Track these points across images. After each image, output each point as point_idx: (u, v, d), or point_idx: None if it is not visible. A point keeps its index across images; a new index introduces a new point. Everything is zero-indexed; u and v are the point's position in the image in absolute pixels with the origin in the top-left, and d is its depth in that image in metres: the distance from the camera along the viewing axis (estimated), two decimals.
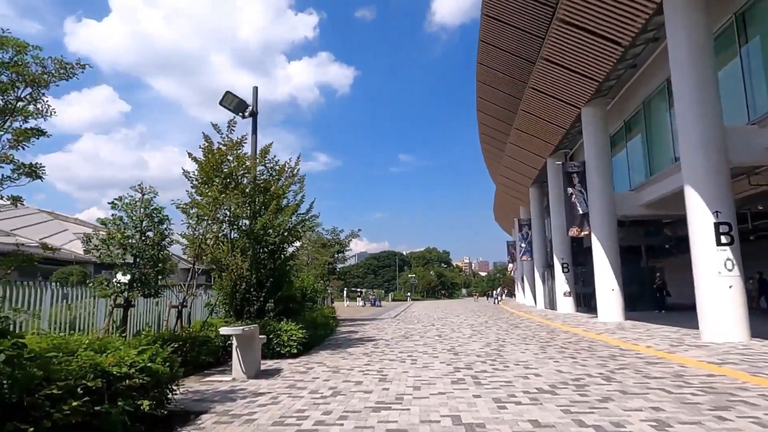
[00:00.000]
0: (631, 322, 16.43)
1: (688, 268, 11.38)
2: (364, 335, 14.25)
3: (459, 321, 20.15)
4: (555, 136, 22.38)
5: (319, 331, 12.36)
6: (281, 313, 10.63)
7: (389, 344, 11.61)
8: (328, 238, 21.83)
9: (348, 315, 27.19)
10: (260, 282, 10.33)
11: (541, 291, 31.68)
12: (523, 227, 34.89)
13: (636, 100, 18.00)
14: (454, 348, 10.48)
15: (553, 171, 25.67)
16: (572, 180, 18.73)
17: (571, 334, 13.14)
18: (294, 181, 11.22)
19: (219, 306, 10.64)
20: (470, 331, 14.93)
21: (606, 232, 17.71)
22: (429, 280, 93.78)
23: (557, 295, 25.35)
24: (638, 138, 18.49)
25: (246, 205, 10.08)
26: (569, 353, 9.12)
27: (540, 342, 11.25)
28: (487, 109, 33.43)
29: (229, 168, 9.75)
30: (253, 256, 10.08)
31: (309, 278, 16.01)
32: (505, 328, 15.86)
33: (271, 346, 9.39)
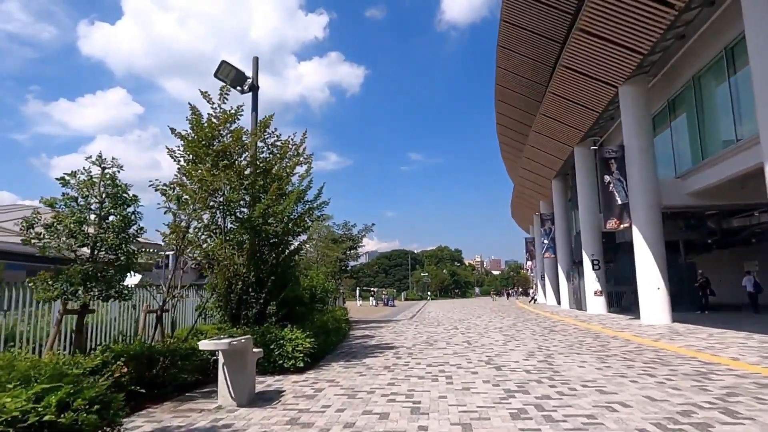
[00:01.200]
0: (681, 325, 14.55)
1: (731, 264, 9.52)
2: (382, 341, 12.55)
3: (483, 323, 18.36)
4: (586, 121, 20.47)
5: (331, 337, 10.68)
6: (285, 318, 8.94)
7: (412, 353, 9.89)
8: (339, 233, 20.16)
9: (361, 316, 25.52)
10: (260, 281, 8.66)
11: (565, 290, 29.74)
12: (546, 222, 32.94)
13: (683, 76, 16.05)
14: (492, 359, 8.73)
15: (582, 160, 23.76)
16: (610, 167, 16.83)
17: (623, 340, 11.31)
18: (300, 162, 9.52)
19: (212, 309, 8.98)
20: (501, 336, 13.15)
21: (649, 224, 15.81)
22: (442, 279, 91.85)
23: (586, 295, 23.43)
24: (685, 119, 16.55)
25: (242, 188, 8.42)
26: (641, 368, 7.33)
27: (592, 351, 9.45)
28: (507, 97, 31.51)
29: (222, 144, 8.09)
30: (252, 250, 8.41)
31: (319, 276, 14.34)
32: (540, 332, 14.06)
33: (273, 358, 7.72)
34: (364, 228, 20.13)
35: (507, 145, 39.62)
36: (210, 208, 7.74)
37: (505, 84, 30.08)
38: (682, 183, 16.35)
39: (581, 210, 23.73)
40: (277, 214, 8.41)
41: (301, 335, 8.09)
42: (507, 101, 31.98)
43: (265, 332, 7.93)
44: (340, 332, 12.29)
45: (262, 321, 8.66)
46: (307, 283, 13.30)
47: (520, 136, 35.18)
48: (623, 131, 16.76)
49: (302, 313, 9.77)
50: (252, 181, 8.69)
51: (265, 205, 8.16)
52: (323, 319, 11.05)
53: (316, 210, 9.78)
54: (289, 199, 8.55)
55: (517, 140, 36.54)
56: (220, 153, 8.05)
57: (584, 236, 23.40)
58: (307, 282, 13.48)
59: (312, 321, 9.98)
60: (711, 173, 14.71)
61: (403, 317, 23.94)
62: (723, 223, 20.19)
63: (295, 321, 9.21)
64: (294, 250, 9.45)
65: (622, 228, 16.59)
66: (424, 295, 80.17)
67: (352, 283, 77.71)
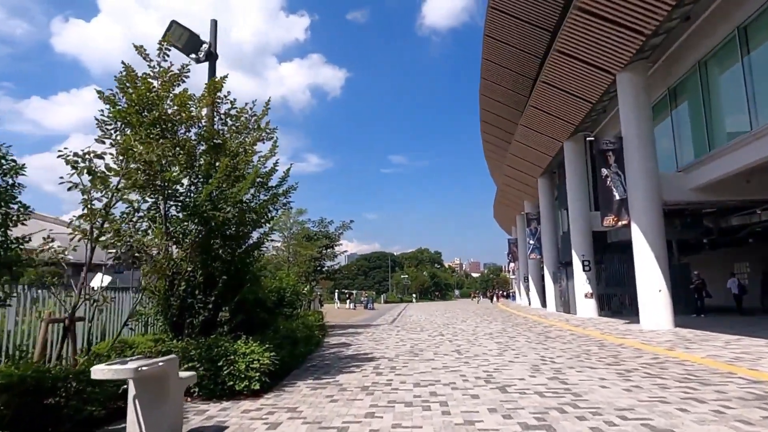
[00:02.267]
0: (686, 330, 13.37)
1: (721, 265, 8.32)
2: (360, 350, 10.99)
3: (471, 328, 16.94)
4: (579, 113, 19.27)
5: (300, 348, 9.08)
6: (242, 326, 7.32)
7: (395, 367, 8.36)
8: (314, 230, 18.51)
9: (338, 320, 23.91)
10: (210, 281, 7.03)
11: (552, 292, 28.59)
12: (531, 222, 31.82)
13: (686, 62, 14.92)
14: (492, 375, 7.26)
15: (573, 155, 22.61)
16: (607, 159, 15.62)
17: (633, 349, 9.98)
18: (261, 137, 7.90)
19: (152, 316, 7.30)
20: (494, 344, 11.72)
21: (650, 221, 14.63)
22: (422, 281, 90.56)
23: (576, 297, 22.26)
24: (687, 108, 15.44)
25: (190, 167, 6.79)
26: (678, 388, 5.94)
27: (606, 364, 8.07)
28: (493, 92, 30.33)
29: (160, 109, 6.44)
30: (198, 243, 6.79)
31: (289, 277, 12.72)
32: (536, 339, 12.68)
33: (221, 378, 6.10)
34: (342, 225, 18.57)
35: (491, 144, 38.52)
36: (142, 188, 6.07)
37: (491, 78, 28.89)
38: (685, 177, 15.23)
39: (571, 208, 22.57)
40: (229, 199, 6.77)
41: (259, 348, 6.49)
42: (492, 96, 30.80)
43: (212, 345, 6.31)
44: (311, 341, 10.68)
45: (212, 330, 7.02)
46: (276, 284, 11.67)
47: (505, 133, 34.06)
48: (621, 121, 15.57)
49: (264, 320, 8.15)
50: (203, 159, 7.06)
51: (213, 186, 6.54)
52: (291, 327, 9.44)
53: (282, 197, 8.18)
54: (246, 180, 6.91)
55: (501, 138, 35.43)
56: (158, 121, 6.41)
57: (574, 236, 22.24)
58: (276, 283, 11.85)
59: (276, 329, 8.36)
60: (717, 166, 13.59)
61: (383, 321, 22.41)
62: (721, 222, 19.21)
63: (254, 330, 7.61)
64: (254, 244, 7.81)
65: (621, 225, 15.38)
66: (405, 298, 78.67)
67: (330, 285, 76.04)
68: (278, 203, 7.98)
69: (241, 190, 6.79)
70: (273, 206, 7.91)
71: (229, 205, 6.75)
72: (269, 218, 7.89)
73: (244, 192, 6.88)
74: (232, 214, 6.77)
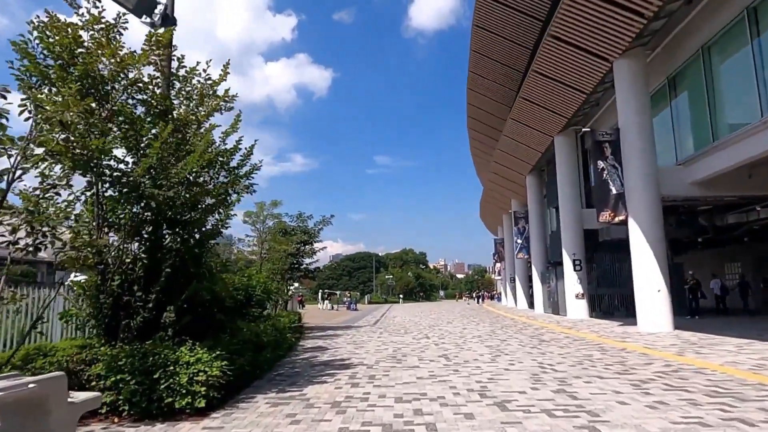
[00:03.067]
0: (687, 333, 12.54)
1: (713, 265, 7.43)
2: (336, 355, 9.86)
3: (458, 330, 15.91)
4: (572, 105, 18.39)
5: (266, 354, 7.92)
6: (192, 329, 6.14)
7: (374, 376, 7.26)
8: (292, 225, 17.24)
9: (319, 321, 22.73)
10: (152, 275, 5.85)
11: (540, 293, 27.76)
12: (519, 221, 30.99)
13: (688, 48, 14.10)
14: (487, 388, 6.20)
15: (564, 151, 21.77)
16: (603, 151, 14.73)
17: (638, 354, 9.01)
18: (219, 106, 6.71)
19: (83, 318, 6.06)
20: (485, 348, 10.69)
21: (648, 217, 13.77)
22: (407, 282, 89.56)
23: (566, 298, 21.40)
24: (689, 98, 14.63)
25: (123, 135, 5.59)
26: (711, 405, 4.95)
27: (615, 372, 7.07)
28: (481, 87, 29.46)
29: (87, 61, 5.24)
30: (135, 228, 5.61)
31: (260, 275, 11.53)
32: (529, 342, 11.69)
33: (157, 393, 4.94)
34: (322, 220, 17.33)
35: (478, 141, 37.68)
36: (55, 156, 4.84)
37: (479, 71, 27.99)
38: (684, 171, 14.41)
39: (562, 205, 21.71)
40: (173, 175, 5.58)
41: (208, 356, 5.33)
42: (480, 91, 29.92)
43: (149, 353, 5.14)
44: (282, 345, 9.51)
45: (156, 334, 5.84)
46: (244, 282, 10.48)
47: (492, 130, 33.22)
48: (618, 111, 14.70)
49: (221, 322, 6.96)
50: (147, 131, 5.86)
51: (152, 158, 5.35)
52: (255, 330, 8.26)
53: (244, 179, 7.01)
54: (194, 154, 5.71)
55: (489, 135, 34.58)
56: (85, 78, 5.22)
57: (564, 234, 21.39)
58: (245, 281, 10.65)
59: (235, 332, 7.18)
60: (720, 158, 12.78)
61: (365, 323, 21.29)
62: (716, 220, 18.48)
63: (208, 333, 6.44)
64: (208, 232, 6.62)
65: (618, 221, 14.49)
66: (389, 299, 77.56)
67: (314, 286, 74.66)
68: (239, 185, 6.81)
69: (188, 164, 5.61)
70: (233, 189, 6.74)
71: (173, 183, 5.57)
72: (228, 203, 6.71)
73: (191, 167, 5.68)
74: (175, 193, 5.57)
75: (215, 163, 6.89)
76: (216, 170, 6.94)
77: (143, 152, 5.69)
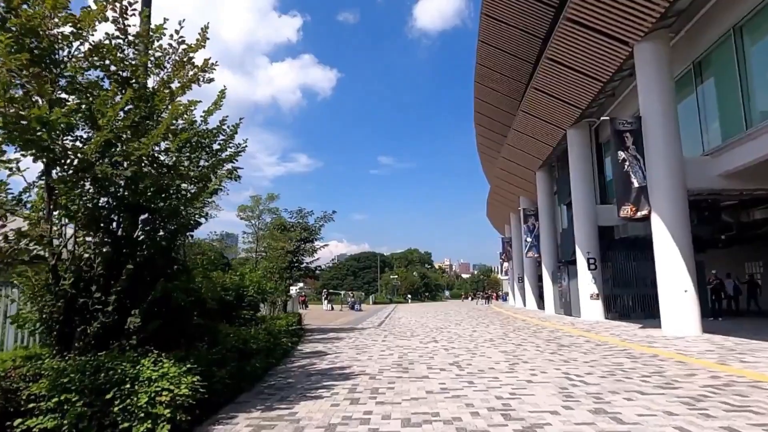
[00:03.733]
0: (719, 336, 11.50)
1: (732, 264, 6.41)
2: (336, 362, 8.93)
3: (467, 333, 14.95)
4: (588, 94, 17.40)
5: (254, 362, 6.99)
6: (161, 337, 5.22)
7: (378, 389, 6.33)
8: (291, 221, 16.28)
9: (321, 323, 21.82)
10: (113, 273, 4.95)
11: (550, 293, 26.74)
12: (529, 218, 29.95)
13: (717, 29, 13.06)
14: (511, 406, 5.24)
15: (577, 144, 20.77)
16: (624, 141, 13.72)
17: (673, 362, 8.03)
18: (197, 77, 5.76)
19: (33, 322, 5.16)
20: (500, 354, 9.73)
21: (674, 211, 12.81)
22: (412, 282, 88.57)
23: (580, 298, 20.39)
24: (717, 83, 13.59)
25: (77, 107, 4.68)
26: None
27: (656, 387, 6.10)
28: (489, 79, 28.44)
29: (24, 14, 4.33)
30: (90, 214, 4.71)
31: (255, 274, 10.62)
32: (547, 347, 10.71)
33: (110, 418, 4.03)
34: (323, 216, 16.39)
35: (485, 137, 36.67)
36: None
37: (487, 63, 26.98)
38: (712, 162, 13.37)
39: (575, 201, 20.70)
40: (132, 152, 4.63)
41: (176, 370, 4.42)
42: (488, 84, 28.91)
43: (102, 367, 4.23)
44: (274, 352, 8.58)
45: (116, 342, 4.92)
46: (236, 281, 9.57)
47: (500, 125, 32.22)
48: (640, 99, 13.71)
49: (199, 328, 6.04)
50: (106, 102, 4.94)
51: (106, 130, 4.42)
52: (244, 335, 7.34)
53: (228, 162, 6.08)
54: (159, 127, 4.73)
55: (496, 131, 33.59)
56: (28, 35, 4.32)
57: (578, 231, 20.38)
58: (236, 280, 9.74)
59: (216, 340, 6.26)
60: (753, 148, 11.74)
61: (369, 324, 20.36)
62: (741, 216, 17.41)
63: (183, 341, 5.52)
64: (183, 223, 5.67)
65: (640, 216, 13.47)
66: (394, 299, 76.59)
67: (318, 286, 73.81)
68: (220, 168, 5.87)
69: (152, 138, 4.67)
70: (213, 173, 5.80)
71: (134, 161, 4.65)
72: (209, 190, 5.78)
73: (155, 141, 4.76)
74: (135, 173, 4.64)
75: (195, 145, 5.98)
76: (195, 152, 6.01)
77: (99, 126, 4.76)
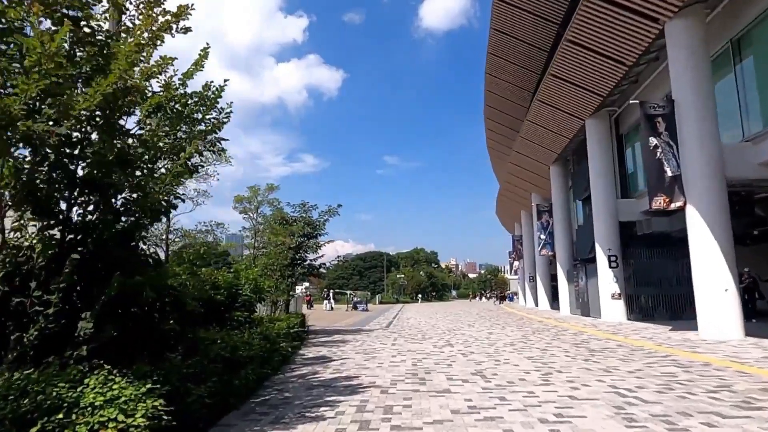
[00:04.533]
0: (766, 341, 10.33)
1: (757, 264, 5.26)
2: (341, 371, 7.87)
3: (483, 335, 13.85)
4: (609, 80, 16.24)
5: (245, 373, 5.93)
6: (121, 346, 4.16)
7: (392, 408, 5.25)
8: (293, 215, 15.18)
9: (327, 324, 20.79)
10: (57, 264, 3.91)
11: (566, 292, 25.55)
12: (542, 214, 28.74)
13: (758, 4, 11.90)
14: None
15: (597, 135, 19.63)
16: (656, 126, 12.56)
17: (732, 372, 6.89)
18: (168, 27, 4.67)
19: None
20: (525, 361, 8.63)
21: (712, 203, 11.65)
22: (419, 281, 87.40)
23: (599, 298, 19.22)
24: (758, 62, 12.42)
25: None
26: None
27: (733, 406, 4.98)
28: (501, 71, 27.29)
29: None
30: (26, 187, 3.66)
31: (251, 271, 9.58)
32: (577, 353, 9.59)
33: None
34: (328, 210, 15.29)
35: (496, 132, 35.47)
36: None
37: (499, 53, 25.84)
38: (752, 149, 12.22)
39: (594, 196, 19.54)
40: (73, 105, 3.54)
41: (133, 392, 3.37)
42: (500, 76, 27.77)
43: (28, 389, 3.18)
44: (271, 359, 7.52)
45: (62, 353, 3.88)
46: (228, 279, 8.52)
47: (511, 119, 31.07)
48: (672, 81, 12.54)
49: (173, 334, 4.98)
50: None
51: (39, 76, 3.37)
52: (233, 341, 6.29)
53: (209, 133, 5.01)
54: (112, 75, 3.66)
55: (507, 125, 32.42)
56: None
57: (598, 227, 19.22)
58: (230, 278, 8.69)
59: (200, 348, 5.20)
60: None
61: (376, 325, 19.30)
62: None
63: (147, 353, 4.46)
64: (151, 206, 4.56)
65: (674, 207, 12.31)
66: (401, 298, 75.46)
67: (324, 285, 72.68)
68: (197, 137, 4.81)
69: (99, 89, 3.61)
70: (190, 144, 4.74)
71: (74, 116, 3.60)
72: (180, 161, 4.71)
73: (102, 93, 3.68)
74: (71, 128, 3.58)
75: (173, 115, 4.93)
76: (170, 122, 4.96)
77: None
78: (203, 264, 7.27)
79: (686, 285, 18.81)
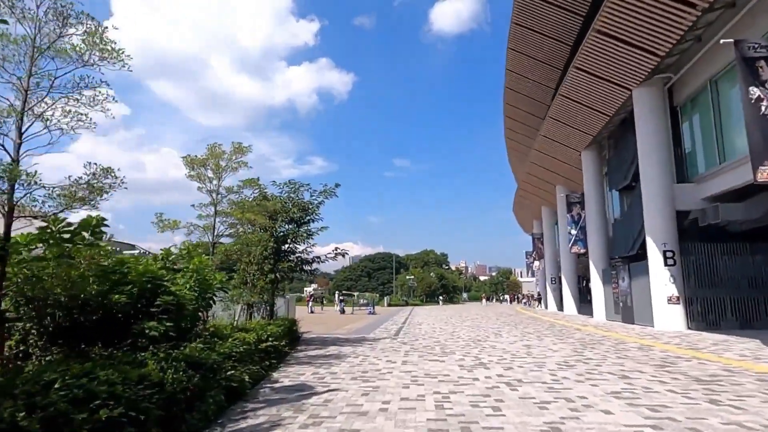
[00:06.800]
0: None
1: None
2: (318, 421, 4.83)
3: (521, 350, 10.67)
4: (672, 34, 13.07)
5: None
6: None
7: None
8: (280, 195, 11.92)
9: (324, 330, 17.78)
10: None
11: (601, 295, 22.30)
12: (574, 206, 25.49)
13: None
14: None
15: (647, 107, 16.48)
16: (758, 73, 9.37)
17: None
18: None
19: None
20: (613, 401, 5.51)
21: None
22: (429, 283, 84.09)
23: (652, 302, 15.97)
24: None
25: None
26: None
27: None
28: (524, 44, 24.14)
29: None
30: None
31: (197, 260, 6.55)
32: (671, 382, 6.44)
33: None
34: (324, 191, 12.14)
35: (515, 120, 32.20)
36: None
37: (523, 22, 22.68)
38: None
39: (645, 181, 16.36)
40: None
41: None
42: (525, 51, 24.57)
43: None
44: (213, 399, 4.48)
45: None
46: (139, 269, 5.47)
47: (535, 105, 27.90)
48: None
49: None
50: None
51: None
52: (90, 388, 3.26)
53: None
54: None
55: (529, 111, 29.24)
56: None
57: (650, 218, 16.04)
58: (152, 269, 5.65)
59: None
60: None
61: (383, 332, 16.23)
62: None
63: None
64: None
65: None
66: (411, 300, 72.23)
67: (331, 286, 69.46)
68: None
69: None
70: None
71: None
72: None
73: None
74: None
75: None
76: None
77: None
78: (84, 243, 4.29)
79: (761, 287, 15.61)
